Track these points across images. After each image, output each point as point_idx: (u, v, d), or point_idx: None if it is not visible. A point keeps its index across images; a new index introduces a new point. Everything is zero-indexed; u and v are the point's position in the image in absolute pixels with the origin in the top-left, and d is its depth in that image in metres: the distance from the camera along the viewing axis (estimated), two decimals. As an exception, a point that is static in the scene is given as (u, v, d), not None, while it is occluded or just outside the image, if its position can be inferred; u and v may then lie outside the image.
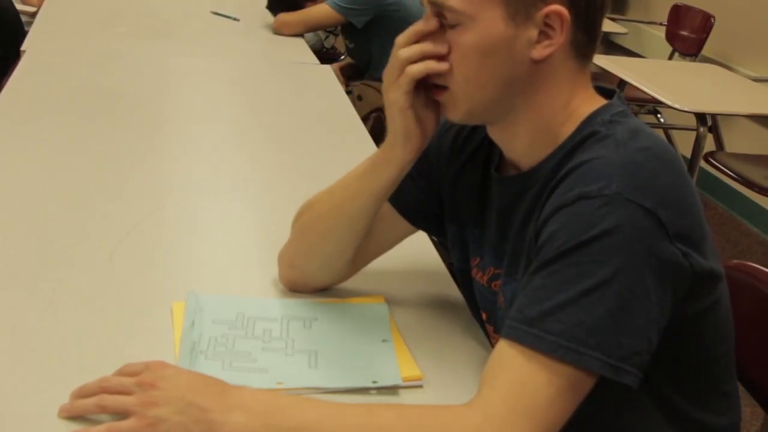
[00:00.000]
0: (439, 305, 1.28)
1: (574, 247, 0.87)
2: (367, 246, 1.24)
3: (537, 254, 0.92)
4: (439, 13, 0.97)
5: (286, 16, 3.07)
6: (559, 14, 0.94)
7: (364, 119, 2.27)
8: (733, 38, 4.20)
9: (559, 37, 0.95)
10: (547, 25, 0.95)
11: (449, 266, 1.39)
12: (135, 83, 2.25)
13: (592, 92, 1.03)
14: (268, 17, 3.16)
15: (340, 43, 4.05)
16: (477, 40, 0.95)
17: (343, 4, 3.04)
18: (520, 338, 0.87)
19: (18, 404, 0.96)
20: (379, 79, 3.52)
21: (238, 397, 0.92)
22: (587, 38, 0.98)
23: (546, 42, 0.95)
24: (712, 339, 1.00)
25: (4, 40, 2.86)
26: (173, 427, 0.89)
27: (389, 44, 2.83)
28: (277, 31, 3.08)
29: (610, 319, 0.85)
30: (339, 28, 3.47)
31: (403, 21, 3.07)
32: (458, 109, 1.02)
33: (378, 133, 2.19)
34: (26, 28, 2.82)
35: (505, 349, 0.89)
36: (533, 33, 0.95)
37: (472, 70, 0.97)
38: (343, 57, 4.05)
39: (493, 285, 1.11)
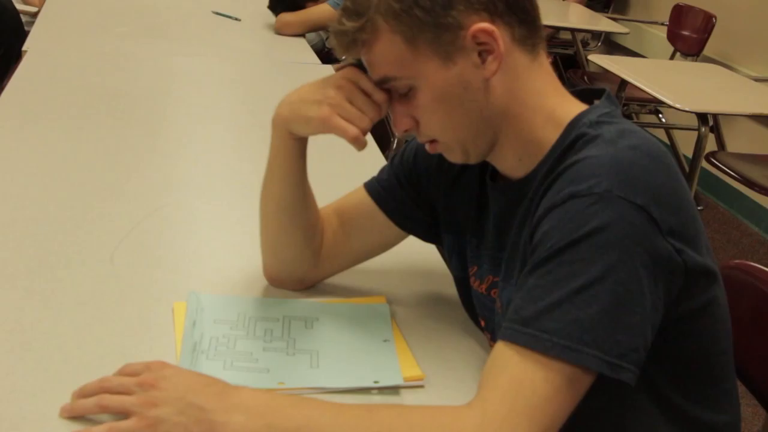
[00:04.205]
0: (440, 305, 1.28)
1: (566, 245, 0.87)
2: (351, 244, 1.26)
3: (531, 255, 0.92)
4: (390, 88, 1.02)
5: (287, 16, 3.08)
6: (482, 31, 0.95)
7: (365, 119, 2.27)
8: (735, 38, 4.20)
9: (499, 46, 0.96)
10: (480, 43, 0.96)
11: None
12: (136, 83, 2.25)
13: (560, 87, 1.03)
14: (270, 17, 3.16)
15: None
16: (432, 94, 0.98)
17: (344, 4, 3.04)
18: (516, 339, 0.88)
19: (18, 404, 0.96)
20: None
21: (238, 398, 0.92)
22: (527, 27, 0.99)
23: (490, 58, 0.96)
24: (710, 337, 1.00)
25: (5, 41, 2.86)
26: (173, 428, 0.89)
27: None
28: (279, 31, 3.08)
29: (605, 316, 0.85)
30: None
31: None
32: (455, 154, 1.05)
33: (380, 132, 2.19)
34: (27, 28, 2.83)
35: (502, 350, 0.89)
36: (474, 57, 0.96)
37: (444, 119, 1.00)
38: (344, 57, 4.04)
39: (492, 293, 1.11)
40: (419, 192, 1.21)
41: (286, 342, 1.13)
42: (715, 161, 3.12)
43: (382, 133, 2.20)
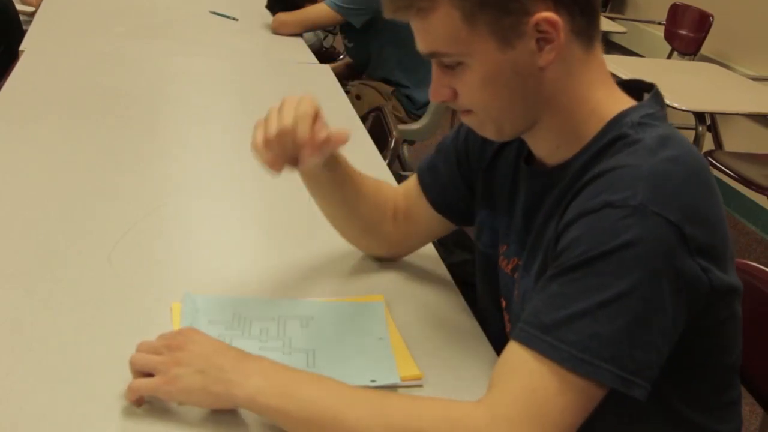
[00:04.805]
0: (438, 305, 1.28)
1: (596, 256, 0.86)
2: (407, 227, 1.31)
3: (557, 258, 0.91)
4: (438, 59, 0.98)
5: (284, 16, 3.07)
6: (546, 20, 0.92)
7: (363, 118, 2.27)
8: (732, 37, 4.20)
9: (559, 38, 0.93)
10: (541, 31, 0.93)
11: (449, 266, 1.39)
12: (133, 83, 2.24)
13: (610, 81, 1.01)
14: (267, 17, 3.16)
15: (339, 42, 4.05)
16: (480, 74, 0.95)
17: (341, 4, 3.04)
18: (533, 344, 0.87)
19: (18, 404, 0.96)
20: (378, 79, 3.56)
21: (259, 364, 0.95)
22: (587, 20, 0.96)
23: (548, 47, 0.94)
24: (723, 350, 1.00)
25: (4, 40, 2.85)
26: (192, 385, 0.92)
27: (388, 43, 2.90)
28: (276, 30, 3.08)
29: (626, 332, 0.85)
30: (337, 27, 3.47)
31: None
32: (487, 131, 1.03)
33: (377, 132, 2.19)
34: (24, 28, 2.82)
35: (517, 351, 0.89)
36: (531, 44, 0.93)
37: (488, 99, 0.98)
38: (342, 56, 4.05)
39: (514, 275, 1.11)
40: (461, 169, 1.23)
41: (282, 341, 1.13)
42: (712, 160, 3.12)
43: (379, 134, 2.20)
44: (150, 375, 0.96)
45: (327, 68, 2.66)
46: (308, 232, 1.46)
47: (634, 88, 1.03)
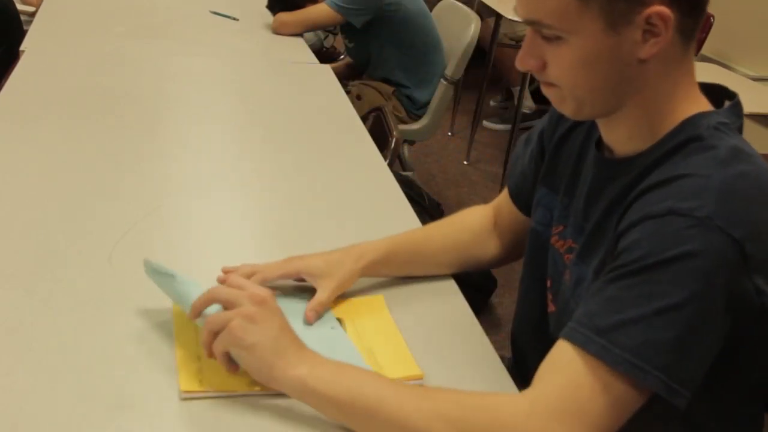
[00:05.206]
0: (439, 305, 1.28)
1: (655, 264, 0.86)
2: (496, 236, 1.36)
3: (616, 258, 0.91)
4: (537, 29, 0.96)
5: (284, 16, 3.07)
6: (659, 15, 0.90)
7: (364, 118, 2.26)
8: (732, 37, 4.20)
9: (666, 34, 0.92)
10: (650, 24, 0.91)
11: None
12: (134, 83, 2.24)
13: (694, 84, 1.00)
14: (268, 17, 3.16)
15: (339, 42, 4.05)
16: (579, 53, 0.94)
17: (342, 4, 3.04)
18: (585, 344, 0.88)
19: (17, 404, 0.96)
20: (379, 79, 3.54)
21: (310, 356, 0.99)
22: (693, 20, 0.94)
23: (652, 41, 0.92)
24: (756, 367, 1.00)
25: (5, 40, 2.86)
26: (258, 346, 0.96)
27: (388, 43, 2.90)
28: (276, 30, 3.08)
29: (677, 342, 0.85)
30: (338, 27, 3.47)
31: (402, 21, 3.06)
32: (567, 107, 1.01)
33: (378, 132, 2.19)
34: (25, 28, 2.82)
35: (567, 350, 0.89)
36: (637, 35, 0.92)
37: (580, 79, 0.96)
38: (342, 56, 4.05)
39: (566, 257, 1.11)
40: (534, 158, 1.24)
41: None
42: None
43: (380, 134, 2.20)
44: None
45: (327, 68, 2.66)
46: (309, 232, 1.46)
47: (718, 94, 1.03)
